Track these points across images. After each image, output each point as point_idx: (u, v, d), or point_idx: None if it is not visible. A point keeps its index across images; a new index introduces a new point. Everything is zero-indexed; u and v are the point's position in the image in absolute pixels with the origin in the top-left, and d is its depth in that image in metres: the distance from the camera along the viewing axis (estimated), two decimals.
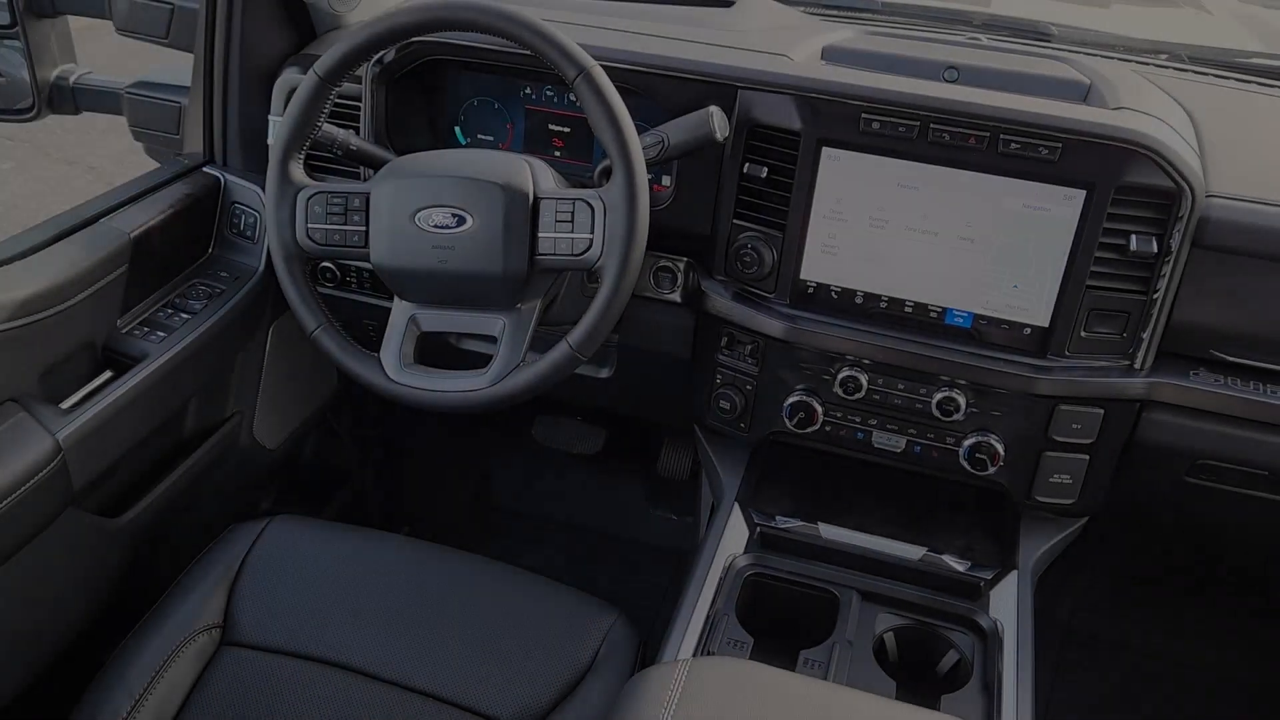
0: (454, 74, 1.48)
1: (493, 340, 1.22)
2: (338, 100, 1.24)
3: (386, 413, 2.08)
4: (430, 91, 1.48)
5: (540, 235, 1.17)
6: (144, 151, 1.70)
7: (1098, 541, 1.45)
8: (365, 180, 1.32)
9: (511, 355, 1.20)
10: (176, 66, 1.59)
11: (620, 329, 1.44)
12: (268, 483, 1.81)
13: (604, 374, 1.55)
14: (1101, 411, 1.28)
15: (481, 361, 1.22)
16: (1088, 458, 1.32)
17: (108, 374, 1.32)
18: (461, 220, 1.17)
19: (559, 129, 1.47)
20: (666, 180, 1.40)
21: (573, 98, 1.41)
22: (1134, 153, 1.16)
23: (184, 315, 1.42)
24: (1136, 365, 1.26)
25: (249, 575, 1.30)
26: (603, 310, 1.15)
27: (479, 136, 1.51)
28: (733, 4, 1.60)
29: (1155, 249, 1.19)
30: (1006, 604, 1.27)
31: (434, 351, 1.27)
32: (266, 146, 1.52)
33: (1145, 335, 1.24)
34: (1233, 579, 1.93)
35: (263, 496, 1.82)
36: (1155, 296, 1.22)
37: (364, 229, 1.21)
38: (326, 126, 1.26)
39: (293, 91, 1.33)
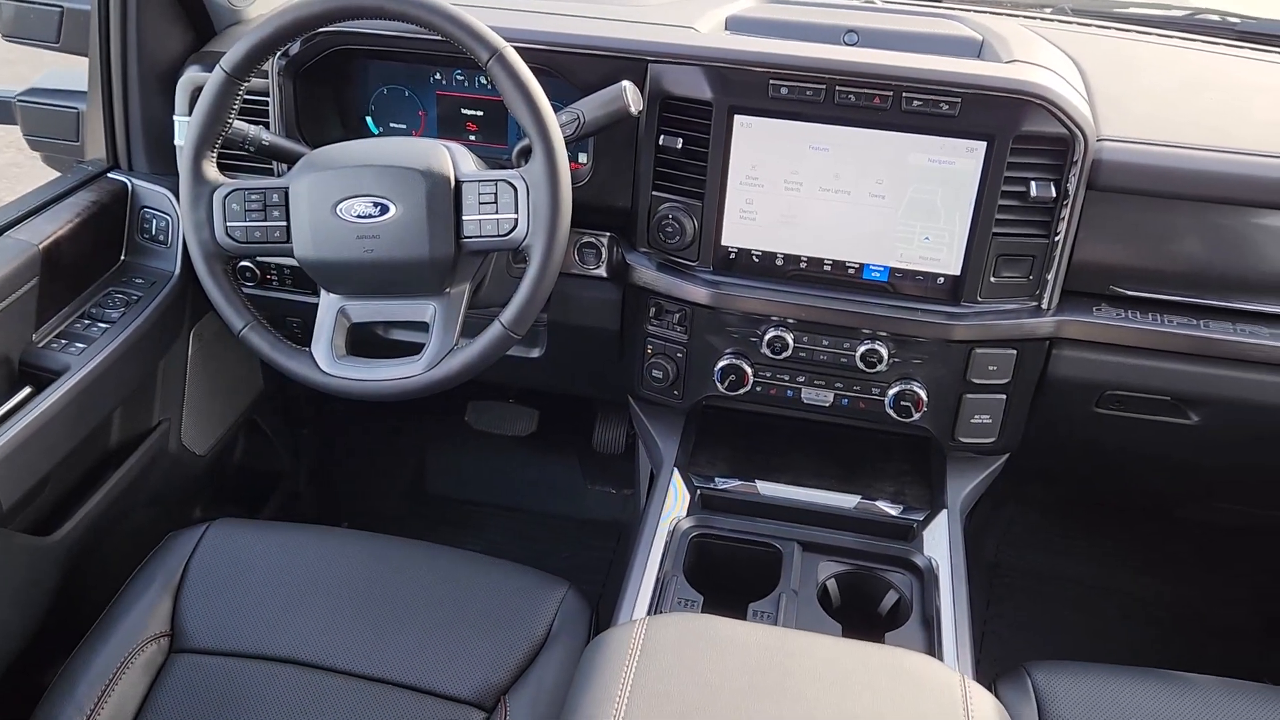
0: (362, 63, 1.47)
1: (422, 329, 1.23)
2: (245, 96, 1.22)
3: (316, 409, 2.06)
4: (339, 82, 1.47)
5: (465, 218, 1.17)
6: (42, 160, 1.65)
7: (1019, 477, 1.53)
8: (280, 176, 1.31)
9: (445, 339, 1.20)
10: (70, 71, 1.55)
11: (549, 307, 1.46)
12: (201, 489, 1.78)
13: (535, 354, 1.56)
14: (1014, 352, 1.35)
15: (413, 351, 1.22)
16: (1004, 397, 1.38)
17: (27, 390, 1.29)
18: (384, 209, 1.17)
19: (472, 113, 1.47)
20: (583, 158, 1.42)
21: (484, 81, 1.43)
22: (1028, 103, 1.22)
23: (101, 325, 1.39)
24: (1043, 306, 1.33)
25: (193, 581, 1.29)
26: (533, 287, 1.16)
27: (391, 125, 1.50)
28: None
29: (1054, 193, 1.25)
30: (939, 543, 1.33)
31: (362, 346, 1.27)
32: (173, 148, 1.49)
33: (1050, 277, 1.31)
34: (1146, 502, 2.04)
35: (196, 503, 1.79)
36: (1057, 239, 1.28)
37: (285, 224, 1.20)
38: (237, 123, 1.25)
39: (197, 90, 1.31)
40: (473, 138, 1.48)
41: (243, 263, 1.52)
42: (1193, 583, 2.05)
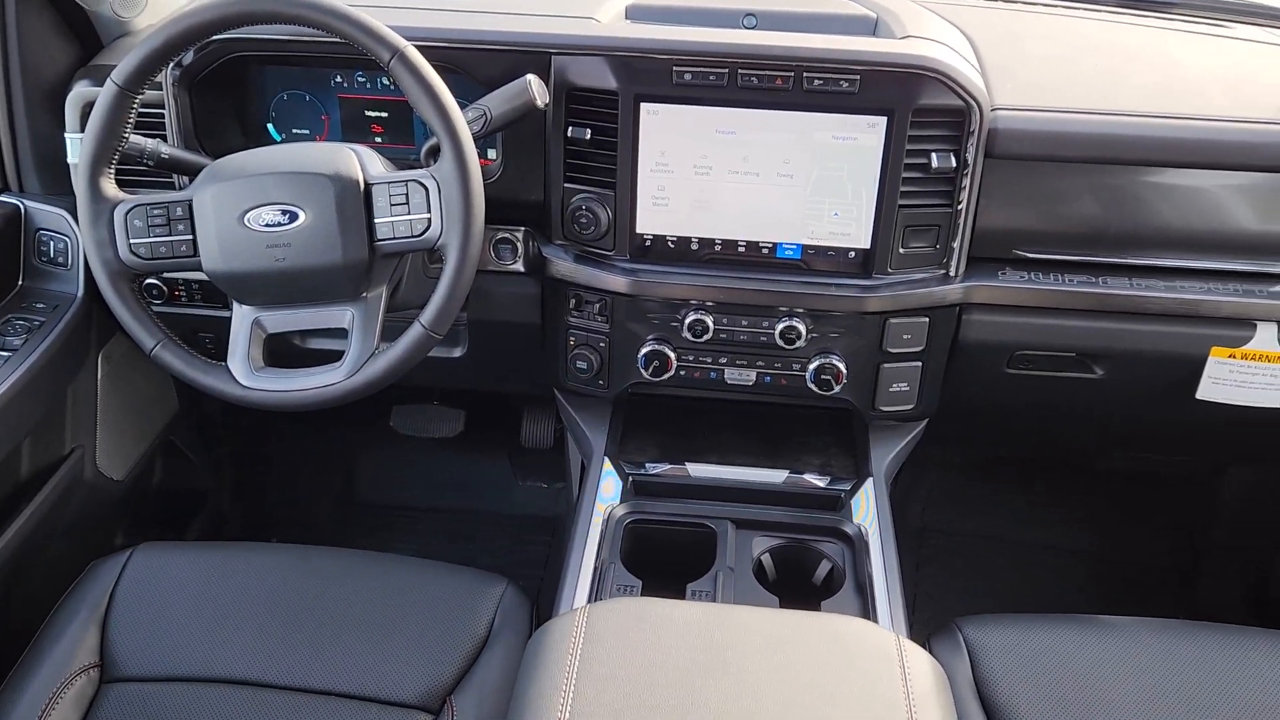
0: (260, 70, 1.44)
1: (340, 336, 1.22)
2: (140, 109, 1.19)
3: (235, 425, 2.02)
4: (237, 90, 1.44)
5: (377, 221, 1.17)
6: None
7: (939, 441, 1.57)
8: (182, 189, 1.28)
9: (365, 344, 1.19)
10: None
11: (468, 305, 1.45)
12: (121, 515, 1.73)
13: (457, 353, 1.55)
14: (926, 320, 1.39)
15: (333, 358, 1.21)
16: (920, 364, 1.42)
17: None
18: (293, 216, 1.16)
19: (376, 115, 1.45)
20: (493, 153, 1.41)
21: (387, 81, 1.41)
22: (924, 77, 1.26)
23: (3, 354, 1.35)
24: (951, 273, 1.37)
25: (120, 609, 1.26)
26: (451, 286, 1.16)
27: (294, 131, 1.48)
28: None
29: (954, 164, 1.28)
30: (866, 510, 1.37)
31: (280, 357, 1.25)
32: (67, 166, 1.44)
33: (955, 245, 1.35)
34: (1061, 457, 2.12)
35: (118, 530, 1.74)
36: (960, 208, 1.32)
37: (191, 237, 1.18)
38: (133, 137, 1.21)
39: (88, 105, 1.27)
40: (379, 140, 1.46)
41: (149, 280, 1.49)
42: (1111, 531, 2.14)
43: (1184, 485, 2.09)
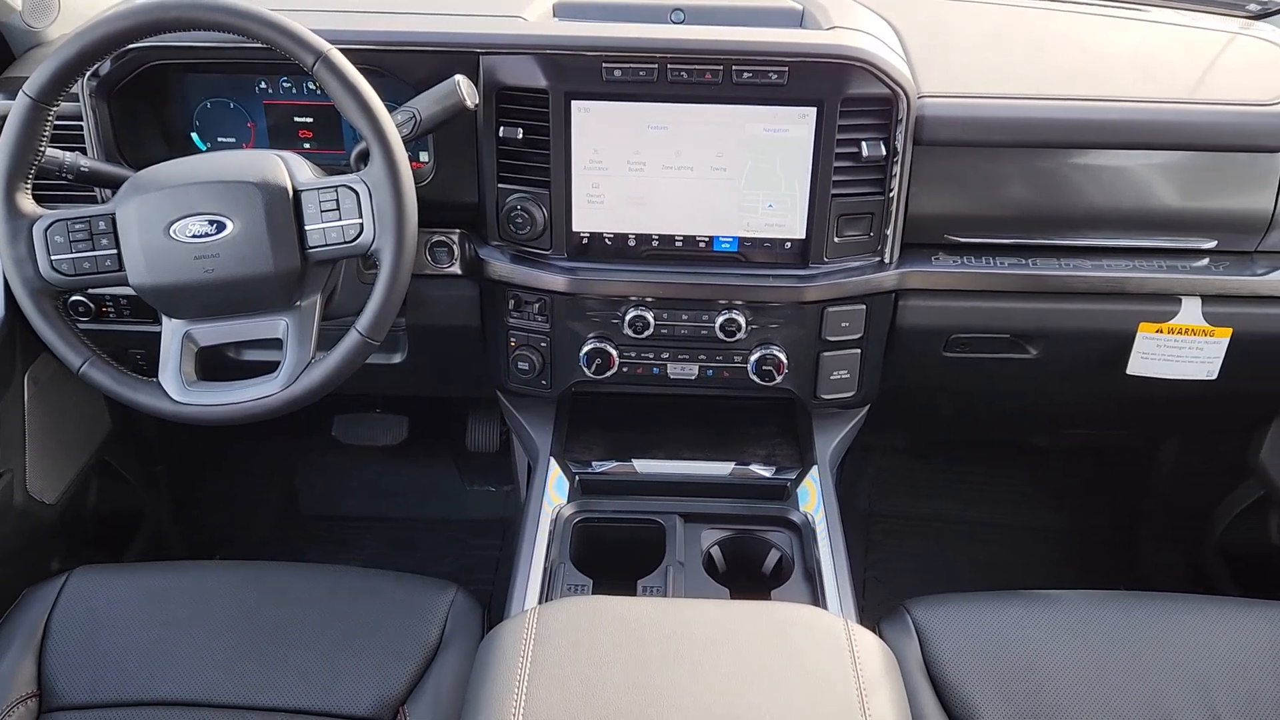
0: (180, 78, 1.41)
1: (276, 346, 1.20)
2: (56, 122, 1.16)
3: (171, 442, 1.98)
4: (158, 100, 1.41)
5: (307, 228, 1.15)
6: None
7: (881, 426, 1.59)
8: (105, 202, 1.25)
9: (301, 354, 1.17)
10: None
11: (406, 310, 1.44)
12: (55, 539, 1.69)
13: (397, 359, 1.54)
14: (864, 307, 1.40)
15: (269, 370, 1.19)
16: (859, 351, 1.44)
17: None
18: (221, 226, 1.13)
19: (304, 120, 1.43)
20: (425, 156, 1.40)
21: (313, 86, 1.39)
22: (852, 67, 1.27)
23: None
24: (886, 260, 1.39)
25: (58, 635, 1.23)
26: (386, 291, 1.15)
27: (219, 140, 1.45)
28: None
29: (884, 152, 1.30)
30: (813, 498, 1.38)
31: (216, 370, 1.23)
32: None
33: (889, 232, 1.36)
34: (1001, 437, 2.15)
35: (53, 555, 1.70)
36: (891, 195, 1.34)
37: (115, 251, 1.15)
38: (51, 150, 1.18)
39: (0, 119, 1.23)
40: (308, 145, 1.44)
41: (74, 297, 1.44)
42: (1052, 506, 2.19)
43: (1121, 459, 2.15)
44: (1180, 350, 1.43)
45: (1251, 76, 1.41)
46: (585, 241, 1.37)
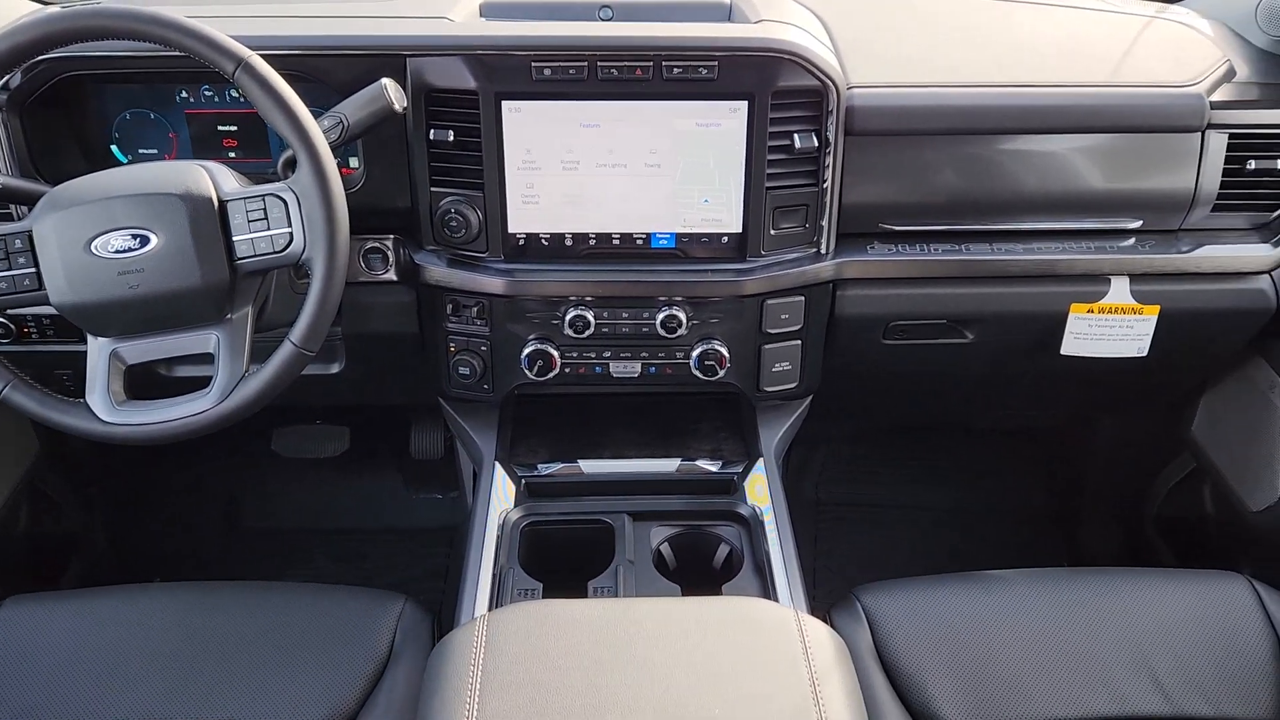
0: (98, 89, 1.37)
1: (208, 361, 1.17)
2: None
3: (103, 462, 1.92)
4: (75, 112, 1.37)
5: (235, 239, 1.12)
6: None
7: (825, 416, 1.60)
8: (21, 219, 1.21)
9: (234, 367, 1.15)
10: None
11: (342, 319, 1.42)
12: None
13: (335, 369, 1.51)
14: (802, 299, 1.41)
15: (202, 385, 1.16)
16: (800, 343, 1.45)
17: None
18: (144, 240, 1.10)
19: (227, 129, 1.40)
20: (355, 161, 1.38)
21: (236, 93, 1.36)
22: (781, 60, 1.27)
23: None
24: (822, 250, 1.39)
25: None
26: (319, 301, 1.12)
27: (140, 152, 1.41)
28: None
29: (816, 143, 1.31)
30: (760, 491, 1.39)
31: (148, 388, 1.19)
32: None
33: (824, 223, 1.37)
34: (943, 421, 2.18)
35: None
36: (825, 186, 1.35)
37: (34, 270, 1.11)
38: None
39: None
40: (233, 155, 1.41)
41: None
42: (995, 487, 2.23)
43: (1060, 438, 2.19)
44: (1111, 329, 1.46)
45: (1170, 59, 1.45)
46: (522, 243, 1.36)
